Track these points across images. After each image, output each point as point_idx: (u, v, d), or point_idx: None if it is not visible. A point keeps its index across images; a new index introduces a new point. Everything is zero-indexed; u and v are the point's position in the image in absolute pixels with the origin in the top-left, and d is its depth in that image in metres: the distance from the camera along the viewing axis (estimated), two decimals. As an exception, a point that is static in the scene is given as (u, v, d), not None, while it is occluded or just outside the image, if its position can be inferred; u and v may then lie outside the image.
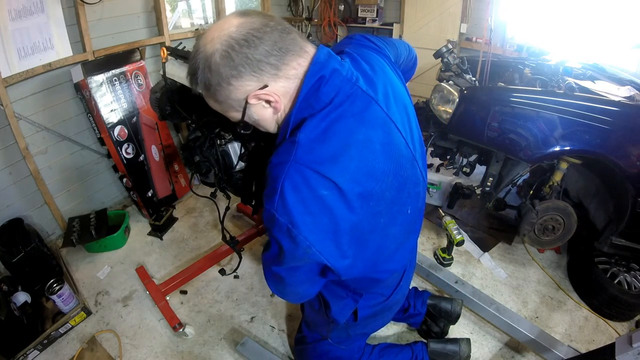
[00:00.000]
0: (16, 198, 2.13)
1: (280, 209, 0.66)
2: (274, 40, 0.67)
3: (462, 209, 2.67)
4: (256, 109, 0.74)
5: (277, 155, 0.70)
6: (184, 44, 1.68)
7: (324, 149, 0.68)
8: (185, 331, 1.75)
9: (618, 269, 1.89)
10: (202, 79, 0.70)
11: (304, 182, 0.66)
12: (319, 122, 0.70)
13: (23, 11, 1.92)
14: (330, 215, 0.68)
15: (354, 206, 0.70)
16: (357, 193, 0.70)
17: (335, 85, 0.72)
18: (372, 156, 0.73)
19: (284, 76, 0.70)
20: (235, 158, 1.47)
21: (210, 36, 0.68)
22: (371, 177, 0.73)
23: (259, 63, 0.67)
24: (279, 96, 0.71)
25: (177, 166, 2.81)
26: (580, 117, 1.66)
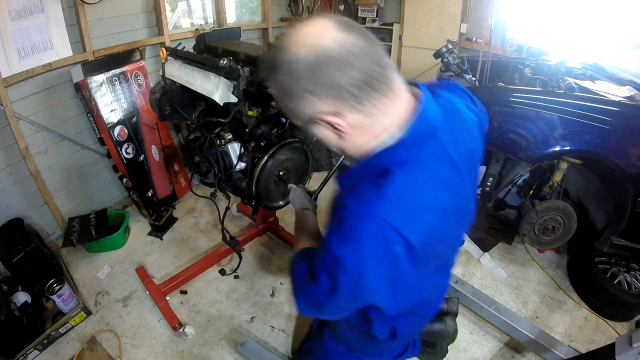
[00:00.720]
0: (16, 198, 2.13)
1: (352, 257, 0.66)
2: (366, 72, 0.63)
3: (462, 209, 2.67)
4: (320, 129, 0.71)
5: (358, 200, 0.67)
6: (184, 44, 1.69)
7: (408, 208, 0.67)
8: (185, 331, 1.75)
9: (618, 269, 1.89)
10: (280, 80, 0.66)
11: (383, 238, 0.65)
12: (409, 178, 0.67)
13: (23, 11, 1.92)
14: (395, 268, 0.69)
15: (418, 263, 0.71)
16: (423, 251, 0.70)
17: (427, 142, 0.70)
18: (446, 222, 0.74)
19: (363, 111, 0.67)
20: (235, 158, 1.47)
21: (302, 38, 0.63)
22: (440, 240, 0.74)
23: (341, 90, 0.63)
24: (349, 127, 0.68)
25: (177, 166, 2.81)
26: (580, 117, 1.66)
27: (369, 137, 0.71)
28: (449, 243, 0.84)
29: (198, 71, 1.42)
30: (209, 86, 1.34)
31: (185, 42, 1.87)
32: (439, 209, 0.71)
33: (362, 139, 0.72)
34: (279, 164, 1.46)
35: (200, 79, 1.39)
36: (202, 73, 1.40)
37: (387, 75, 0.66)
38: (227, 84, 1.32)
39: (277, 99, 0.71)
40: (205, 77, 1.37)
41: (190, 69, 1.45)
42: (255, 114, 1.30)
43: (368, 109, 0.66)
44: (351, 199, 0.69)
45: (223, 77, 1.32)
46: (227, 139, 1.43)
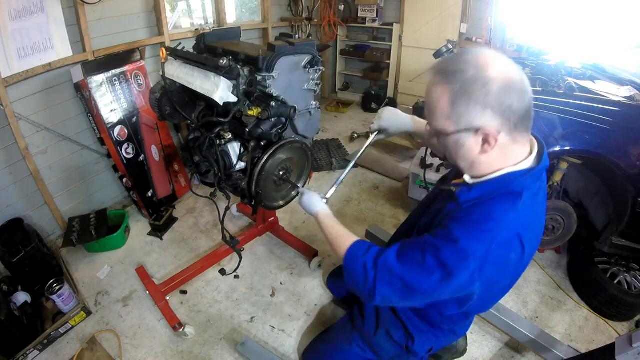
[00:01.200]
0: (16, 198, 2.13)
1: (480, 255, 0.78)
2: (528, 106, 0.77)
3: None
4: (469, 139, 0.80)
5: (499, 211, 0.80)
6: (184, 44, 1.69)
7: (530, 221, 0.83)
8: (185, 331, 1.75)
9: (618, 269, 1.89)
10: (465, 83, 0.74)
11: (508, 244, 0.80)
12: (530, 199, 0.82)
13: (23, 11, 1.92)
14: (504, 272, 0.85)
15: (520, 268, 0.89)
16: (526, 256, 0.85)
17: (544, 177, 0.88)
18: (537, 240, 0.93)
19: (512, 137, 0.79)
20: (235, 158, 1.47)
21: (496, 63, 0.75)
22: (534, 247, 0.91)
23: (512, 113, 0.75)
24: (497, 145, 0.78)
25: (177, 166, 2.81)
26: (580, 117, 1.66)
27: (503, 160, 0.83)
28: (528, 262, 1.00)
29: (198, 71, 1.42)
30: (208, 86, 1.34)
31: (185, 42, 1.87)
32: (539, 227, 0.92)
33: (497, 160, 0.82)
34: (279, 163, 1.46)
35: (200, 79, 1.39)
36: (202, 73, 1.40)
37: (532, 115, 0.80)
38: (227, 84, 1.32)
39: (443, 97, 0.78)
40: (205, 77, 1.37)
41: (190, 69, 1.45)
42: (255, 113, 1.30)
43: (516, 136, 0.79)
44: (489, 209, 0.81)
45: (223, 77, 1.32)
46: (227, 138, 1.43)
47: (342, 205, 2.79)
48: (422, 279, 0.83)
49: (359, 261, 0.94)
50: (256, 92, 1.35)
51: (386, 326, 1.23)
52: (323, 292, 2.03)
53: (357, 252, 0.97)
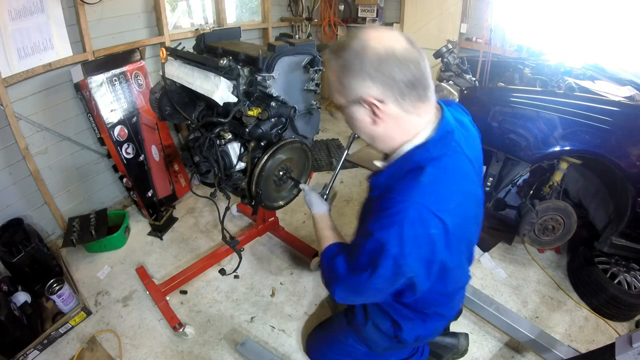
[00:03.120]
0: (16, 198, 2.13)
1: (394, 240, 0.77)
2: (415, 76, 0.77)
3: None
4: (360, 110, 0.83)
5: (399, 191, 0.80)
6: (184, 44, 1.69)
7: (441, 192, 0.80)
8: (185, 331, 1.75)
9: (618, 269, 1.89)
10: (347, 57, 0.78)
11: (420, 221, 0.77)
12: (437, 170, 0.81)
13: (23, 11, 1.92)
14: (432, 249, 0.80)
15: (451, 245, 0.81)
16: (456, 234, 0.82)
17: (450, 143, 0.85)
18: (469, 205, 0.89)
19: (402, 106, 0.80)
20: (235, 158, 1.47)
21: (379, 37, 0.77)
22: (467, 222, 0.89)
23: (393, 82, 0.76)
24: (386, 115, 0.81)
25: (177, 166, 2.81)
26: (580, 117, 1.66)
27: (400, 133, 0.85)
28: (475, 229, 1.00)
29: (198, 71, 1.42)
30: (208, 86, 1.34)
31: (185, 42, 1.87)
32: (463, 193, 0.85)
33: (393, 132, 0.85)
34: (279, 163, 1.46)
35: (200, 79, 1.39)
36: (202, 73, 1.40)
37: (427, 85, 0.81)
38: (226, 84, 1.32)
39: (332, 73, 0.83)
40: (205, 77, 1.37)
41: (190, 69, 1.45)
42: (255, 113, 1.30)
43: (407, 106, 0.80)
44: (392, 192, 0.81)
45: (223, 77, 1.32)
46: (227, 139, 1.43)
47: (342, 205, 2.79)
48: (359, 279, 0.87)
49: (324, 264, 1.03)
50: (256, 92, 1.35)
51: (373, 319, 1.25)
52: (323, 292, 2.03)
53: (326, 255, 1.04)
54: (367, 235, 0.82)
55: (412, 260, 0.80)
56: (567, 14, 2.99)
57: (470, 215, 0.92)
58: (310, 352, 1.57)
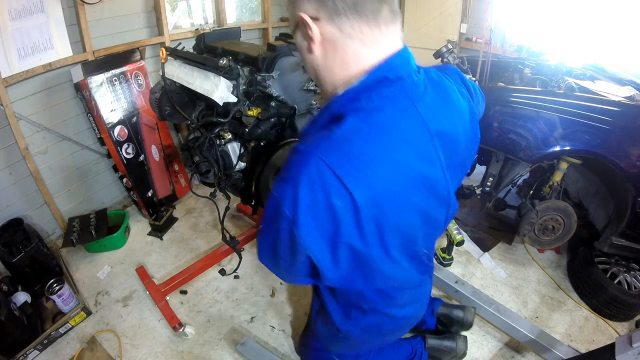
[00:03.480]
0: (16, 198, 2.13)
1: (289, 201, 0.62)
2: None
3: (462, 209, 2.67)
4: (298, 34, 0.70)
5: (306, 142, 0.65)
6: (184, 44, 1.69)
7: (356, 155, 0.61)
8: (185, 331, 1.75)
9: (618, 269, 1.89)
10: None
11: (321, 183, 0.60)
12: (361, 123, 0.63)
13: (23, 11, 1.92)
14: (335, 226, 0.64)
15: (363, 227, 0.64)
16: (372, 216, 0.64)
17: (392, 93, 0.66)
18: (406, 186, 0.67)
19: (338, 26, 0.65)
20: (235, 158, 1.47)
21: None
22: (395, 205, 0.67)
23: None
24: (320, 37, 0.66)
25: (177, 166, 2.81)
26: (580, 117, 1.66)
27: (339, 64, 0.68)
28: (420, 222, 0.74)
29: (198, 71, 1.42)
30: (208, 86, 1.34)
31: (185, 42, 1.87)
32: (401, 168, 0.65)
33: (332, 62, 0.69)
34: (279, 163, 1.46)
35: (199, 79, 1.39)
36: (201, 73, 1.40)
37: (379, 9, 0.65)
38: (226, 84, 1.32)
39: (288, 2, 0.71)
40: (204, 77, 1.38)
41: (189, 69, 1.45)
42: (255, 113, 1.30)
43: (346, 27, 0.64)
44: (303, 141, 0.66)
45: (223, 77, 1.32)
46: (227, 138, 1.43)
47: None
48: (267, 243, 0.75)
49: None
50: (256, 92, 1.35)
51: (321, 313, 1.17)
52: (323, 292, 2.03)
53: None
54: (270, 194, 0.68)
55: (307, 234, 0.64)
56: (567, 14, 2.99)
57: (416, 203, 0.70)
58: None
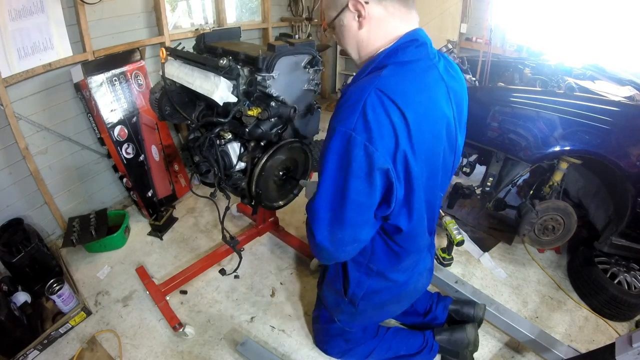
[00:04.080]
0: (16, 198, 2.13)
1: (360, 127, 0.77)
2: None
3: (462, 209, 2.67)
4: (347, 17, 0.88)
5: (360, 83, 0.82)
6: (184, 44, 1.69)
7: (401, 86, 0.80)
8: (185, 331, 1.75)
9: (618, 269, 1.89)
10: None
11: (382, 106, 0.77)
12: (401, 68, 0.83)
13: (23, 11, 1.92)
14: (396, 140, 0.80)
15: (413, 141, 0.81)
16: (417, 132, 0.81)
17: (420, 51, 0.87)
18: (433, 117, 0.87)
19: (385, 8, 0.85)
20: (235, 158, 1.47)
21: None
22: (427, 132, 0.85)
23: None
24: (370, 17, 0.86)
25: (177, 166, 2.81)
26: (580, 117, 1.66)
27: (382, 36, 0.88)
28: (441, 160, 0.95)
29: (198, 71, 1.42)
30: (208, 86, 1.34)
31: (185, 42, 1.87)
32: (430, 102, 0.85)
33: (376, 34, 0.88)
34: (279, 163, 1.46)
35: (200, 79, 1.39)
36: (201, 73, 1.40)
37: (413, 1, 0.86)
38: (226, 84, 1.32)
39: None
40: (205, 77, 1.37)
41: (190, 69, 1.45)
42: (255, 113, 1.30)
43: (389, 7, 0.85)
44: (352, 86, 0.83)
45: (223, 77, 1.32)
46: (227, 138, 1.43)
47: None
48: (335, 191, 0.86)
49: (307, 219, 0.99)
50: (256, 92, 1.35)
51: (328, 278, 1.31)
52: (323, 292, 2.03)
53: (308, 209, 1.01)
54: (331, 132, 0.82)
55: (382, 147, 0.78)
56: (567, 14, 2.99)
57: (441, 136, 0.92)
58: (318, 345, 1.67)
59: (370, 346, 1.51)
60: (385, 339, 1.53)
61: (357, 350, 1.52)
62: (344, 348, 1.53)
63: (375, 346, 1.51)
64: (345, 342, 1.51)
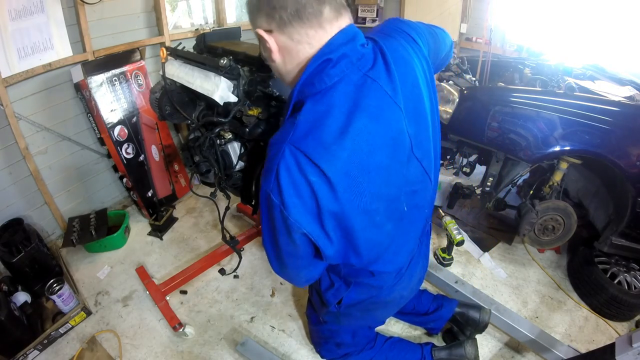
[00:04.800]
0: (16, 198, 2.13)
1: (275, 189, 0.71)
2: (299, 2, 0.71)
3: (462, 209, 2.67)
4: (261, 44, 0.80)
5: (278, 134, 0.74)
6: (184, 44, 1.69)
7: (318, 135, 0.70)
8: (185, 331, 1.75)
9: (618, 269, 1.89)
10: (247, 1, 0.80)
11: (297, 166, 0.69)
12: (318, 105, 0.72)
13: (23, 11, 1.92)
14: (316, 200, 0.72)
15: (340, 197, 0.72)
16: (345, 185, 0.72)
17: (340, 70, 0.74)
18: (368, 149, 0.74)
19: (289, 35, 0.74)
20: (235, 158, 1.47)
21: None
22: (364, 171, 0.74)
23: (275, 11, 0.72)
24: (277, 46, 0.77)
25: (177, 166, 2.81)
26: (580, 117, 1.66)
27: (296, 65, 0.78)
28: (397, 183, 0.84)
29: (198, 71, 1.42)
30: (208, 86, 1.34)
31: (186, 42, 1.87)
32: (356, 131, 0.72)
33: (290, 65, 0.79)
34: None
35: (200, 79, 1.39)
36: (202, 73, 1.40)
37: (320, 10, 0.72)
38: (227, 84, 1.32)
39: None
40: (205, 77, 1.37)
41: (190, 69, 1.45)
42: (256, 113, 1.30)
43: (294, 34, 0.74)
44: (276, 133, 0.75)
45: (223, 77, 1.32)
46: (227, 138, 1.43)
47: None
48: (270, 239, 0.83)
49: None
50: (256, 92, 1.35)
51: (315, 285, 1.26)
52: (323, 292, 2.03)
53: None
54: (260, 190, 0.76)
55: (297, 213, 0.72)
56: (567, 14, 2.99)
57: (383, 163, 0.78)
58: (314, 347, 1.66)
59: (367, 356, 1.49)
60: (382, 351, 1.50)
61: (353, 359, 1.49)
62: (338, 353, 1.51)
63: (372, 357, 1.49)
64: (337, 346, 1.49)
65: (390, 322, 1.83)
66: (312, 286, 1.32)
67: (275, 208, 0.72)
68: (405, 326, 1.83)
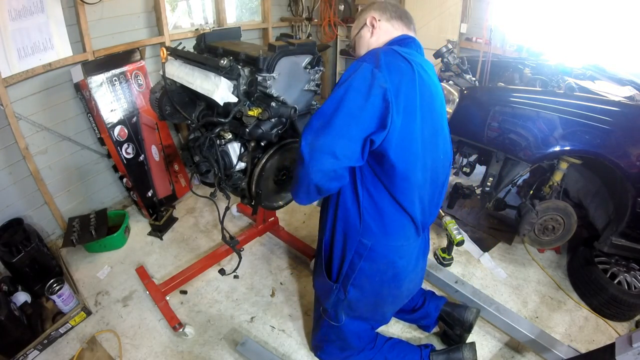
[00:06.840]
0: (16, 198, 2.13)
1: (371, 58, 1.00)
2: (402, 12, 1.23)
3: (462, 209, 2.68)
4: (365, 29, 1.22)
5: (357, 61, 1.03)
6: (184, 44, 1.69)
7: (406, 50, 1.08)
8: (185, 331, 1.75)
9: (618, 269, 1.89)
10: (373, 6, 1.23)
11: (394, 54, 1.03)
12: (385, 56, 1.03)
13: (23, 11, 1.92)
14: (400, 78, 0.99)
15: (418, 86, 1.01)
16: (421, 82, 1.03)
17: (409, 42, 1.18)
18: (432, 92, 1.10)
19: (391, 24, 1.21)
20: (235, 158, 1.47)
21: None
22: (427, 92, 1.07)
23: (386, 9, 1.21)
24: (380, 29, 1.20)
25: (177, 166, 2.81)
26: (580, 117, 1.66)
27: (386, 38, 1.19)
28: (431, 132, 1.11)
29: (198, 71, 1.42)
30: (209, 86, 1.34)
31: (186, 42, 1.87)
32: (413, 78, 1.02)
33: (382, 38, 1.20)
34: (279, 164, 1.46)
35: (200, 79, 1.39)
36: (202, 73, 1.40)
37: (408, 17, 1.24)
38: (227, 84, 1.32)
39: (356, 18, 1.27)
40: (205, 77, 1.37)
41: (190, 69, 1.45)
42: (256, 114, 1.30)
43: (395, 24, 1.21)
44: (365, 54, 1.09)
45: (223, 77, 1.32)
46: (227, 138, 1.43)
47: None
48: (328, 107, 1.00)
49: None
50: (256, 92, 1.35)
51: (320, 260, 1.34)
52: (323, 292, 2.03)
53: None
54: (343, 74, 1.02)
55: (387, 73, 0.96)
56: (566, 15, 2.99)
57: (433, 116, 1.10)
58: (313, 351, 1.66)
59: (367, 357, 1.50)
60: (382, 351, 1.52)
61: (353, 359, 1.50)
62: (339, 357, 1.52)
63: (372, 357, 1.50)
64: (341, 350, 1.49)
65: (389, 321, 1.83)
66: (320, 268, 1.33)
67: (365, 69, 0.97)
68: (405, 326, 1.83)
